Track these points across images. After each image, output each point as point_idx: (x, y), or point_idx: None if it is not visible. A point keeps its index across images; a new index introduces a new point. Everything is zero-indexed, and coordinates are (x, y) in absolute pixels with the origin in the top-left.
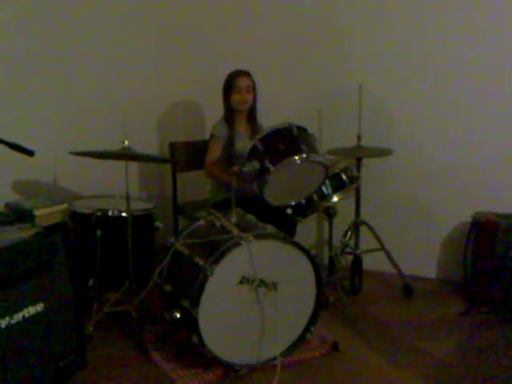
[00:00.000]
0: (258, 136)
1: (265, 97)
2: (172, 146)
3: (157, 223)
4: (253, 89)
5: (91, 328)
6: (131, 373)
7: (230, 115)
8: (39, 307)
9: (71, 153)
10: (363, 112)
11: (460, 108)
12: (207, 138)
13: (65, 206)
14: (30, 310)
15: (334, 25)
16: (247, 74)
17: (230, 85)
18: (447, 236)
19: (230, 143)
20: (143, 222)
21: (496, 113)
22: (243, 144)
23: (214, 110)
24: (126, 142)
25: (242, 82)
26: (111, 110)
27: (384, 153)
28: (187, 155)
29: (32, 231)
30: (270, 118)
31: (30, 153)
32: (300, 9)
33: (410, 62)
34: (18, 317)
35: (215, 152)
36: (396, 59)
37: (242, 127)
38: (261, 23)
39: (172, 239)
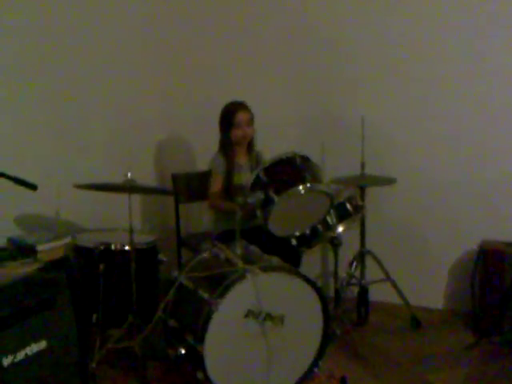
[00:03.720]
0: (262, 166)
1: (267, 126)
2: (174, 177)
3: (160, 256)
4: (252, 121)
5: (94, 365)
6: None
7: (228, 148)
8: (42, 344)
9: (75, 186)
10: (366, 140)
11: (464, 135)
12: (208, 168)
13: (68, 239)
14: (33, 348)
15: (336, 54)
16: (246, 107)
17: (229, 119)
18: (454, 265)
19: (229, 176)
20: (147, 255)
21: (502, 138)
22: (244, 176)
23: (215, 140)
24: (129, 174)
25: (243, 117)
26: (113, 143)
27: (387, 181)
28: (189, 186)
29: (34, 266)
30: (272, 147)
31: (33, 187)
32: (302, 38)
33: (412, 92)
34: (20, 355)
35: (216, 186)
36: (399, 89)
37: (241, 159)
38: (262, 52)
39: (176, 272)
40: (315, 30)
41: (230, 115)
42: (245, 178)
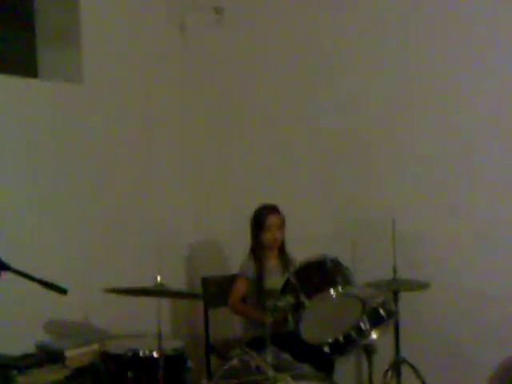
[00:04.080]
0: (292, 270)
1: (297, 229)
2: (204, 281)
3: (189, 363)
4: (283, 224)
5: None
6: None
7: (258, 251)
8: None
9: (105, 290)
10: (398, 242)
11: (503, 237)
12: (238, 271)
13: (96, 346)
14: None
15: (364, 158)
16: (277, 211)
17: (260, 223)
18: (494, 376)
19: (259, 280)
20: (175, 362)
21: None
22: (275, 280)
23: (244, 244)
24: (159, 278)
25: (273, 221)
26: (143, 245)
27: (421, 286)
28: (219, 291)
29: (62, 374)
30: (303, 250)
31: (63, 291)
32: (329, 143)
33: (444, 194)
34: None
35: (241, 290)
36: (431, 191)
37: (272, 263)
38: (292, 157)
39: (205, 381)
40: (345, 133)
41: (262, 218)
42: (276, 282)
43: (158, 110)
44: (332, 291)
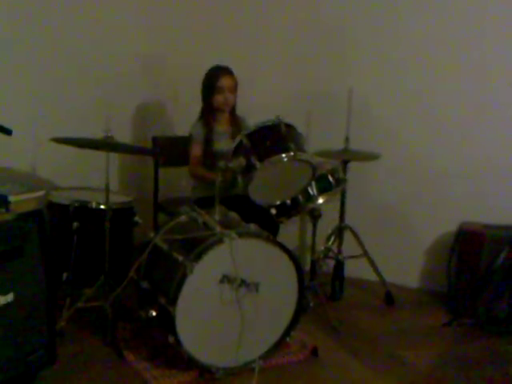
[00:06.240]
0: (245, 132)
1: (253, 95)
2: (155, 140)
3: (136, 218)
4: (235, 88)
5: (63, 323)
6: (103, 371)
7: (209, 114)
8: (10, 297)
9: (52, 139)
10: (353, 115)
11: (452, 116)
12: (189, 134)
13: (42, 193)
14: (0, 300)
15: (325, 27)
16: (230, 73)
17: (212, 84)
18: (432, 245)
19: (208, 142)
20: (122, 215)
21: (487, 121)
22: (225, 143)
23: (199, 106)
24: (109, 132)
25: (226, 83)
26: (95, 100)
27: (371, 157)
28: (170, 150)
29: (5, 217)
30: (258, 116)
31: (8, 131)
32: (292, 8)
33: (402, 66)
34: None
35: (196, 152)
36: (388, 63)
37: (223, 125)
38: (250, 20)
39: (151, 234)
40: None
41: (213, 79)
42: (225, 145)
43: None
44: (284, 155)
